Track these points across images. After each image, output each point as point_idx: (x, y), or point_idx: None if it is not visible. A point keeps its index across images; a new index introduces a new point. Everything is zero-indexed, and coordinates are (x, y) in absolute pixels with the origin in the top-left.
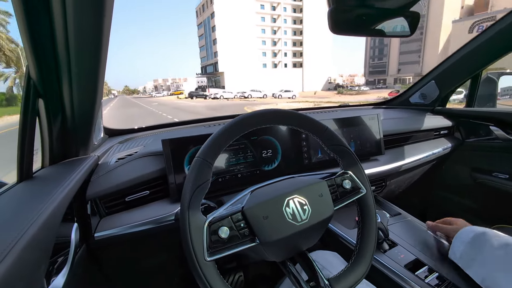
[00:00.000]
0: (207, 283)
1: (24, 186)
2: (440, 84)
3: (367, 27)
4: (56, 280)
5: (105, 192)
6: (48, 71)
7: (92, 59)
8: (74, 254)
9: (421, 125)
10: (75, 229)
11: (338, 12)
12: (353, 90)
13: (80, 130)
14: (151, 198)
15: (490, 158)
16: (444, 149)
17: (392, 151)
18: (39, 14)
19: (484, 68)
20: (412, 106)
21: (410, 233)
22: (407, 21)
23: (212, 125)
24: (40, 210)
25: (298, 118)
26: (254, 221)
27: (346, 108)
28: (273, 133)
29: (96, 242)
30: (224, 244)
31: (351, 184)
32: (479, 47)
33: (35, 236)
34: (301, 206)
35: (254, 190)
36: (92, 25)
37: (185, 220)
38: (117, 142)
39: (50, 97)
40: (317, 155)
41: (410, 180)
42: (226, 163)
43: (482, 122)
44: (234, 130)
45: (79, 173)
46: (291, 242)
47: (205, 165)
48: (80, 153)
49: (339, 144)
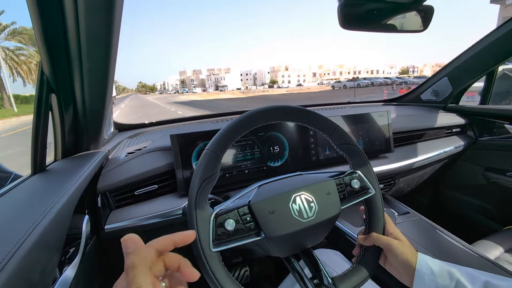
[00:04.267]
0: (212, 273)
1: (38, 178)
2: (453, 80)
3: (378, 22)
4: (68, 270)
5: (115, 186)
6: (61, 67)
7: (103, 56)
8: (85, 245)
9: (433, 122)
10: (86, 221)
11: (348, 6)
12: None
13: (91, 124)
14: (159, 192)
15: (504, 158)
16: (456, 148)
17: (402, 149)
18: (52, 12)
19: (500, 64)
20: (424, 103)
21: (419, 232)
22: (420, 16)
23: (220, 121)
24: (53, 202)
25: (308, 115)
26: (260, 215)
27: (355, 104)
28: (281, 130)
29: (106, 234)
30: (229, 237)
31: (360, 183)
32: (495, 43)
33: (48, 227)
34: (308, 203)
35: (262, 185)
36: (102, 23)
37: (192, 211)
38: (127, 137)
39: (63, 92)
40: (325, 152)
41: (420, 178)
42: (233, 159)
43: (496, 120)
44: (244, 125)
45: (90, 167)
46: (296, 239)
47: (214, 157)
48: (91, 147)
49: (349, 143)
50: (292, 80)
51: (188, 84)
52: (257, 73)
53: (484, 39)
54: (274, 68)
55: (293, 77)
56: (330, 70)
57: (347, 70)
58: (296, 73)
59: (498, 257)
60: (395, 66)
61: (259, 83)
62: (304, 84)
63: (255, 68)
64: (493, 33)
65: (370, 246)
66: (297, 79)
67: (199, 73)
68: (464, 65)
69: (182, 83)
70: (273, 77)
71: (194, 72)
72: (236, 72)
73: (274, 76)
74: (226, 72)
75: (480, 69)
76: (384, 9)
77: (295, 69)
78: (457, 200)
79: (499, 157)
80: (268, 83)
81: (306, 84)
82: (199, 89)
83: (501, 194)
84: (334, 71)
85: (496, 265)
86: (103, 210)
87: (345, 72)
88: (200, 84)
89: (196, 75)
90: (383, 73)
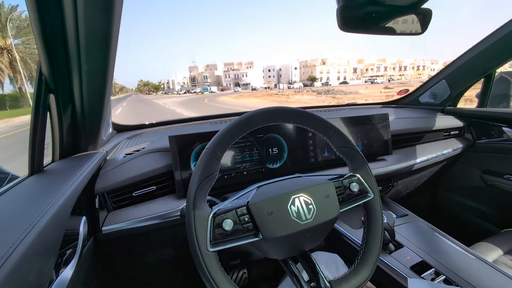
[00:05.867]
0: (208, 273)
1: (35, 179)
2: (451, 83)
3: (376, 24)
4: (64, 271)
5: (113, 187)
6: (59, 67)
7: (101, 56)
8: (82, 247)
9: (431, 125)
10: (83, 222)
11: (347, 9)
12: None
13: (89, 125)
14: (157, 193)
15: (502, 160)
16: (454, 150)
17: (400, 151)
18: (51, 12)
19: (497, 67)
20: (422, 106)
21: (417, 234)
22: (419, 19)
23: (218, 122)
24: (50, 203)
25: (308, 117)
26: (258, 216)
27: (354, 107)
28: (279, 131)
29: (104, 235)
30: (227, 237)
31: (359, 187)
32: (493, 46)
33: (45, 228)
34: (307, 205)
35: (261, 186)
36: (101, 23)
37: (190, 210)
38: (125, 138)
39: (61, 93)
40: (324, 154)
41: (418, 181)
42: (232, 161)
43: (494, 123)
44: (244, 126)
45: (88, 168)
46: (294, 241)
47: (214, 157)
48: (89, 148)
49: (349, 146)
50: (331, 76)
51: (200, 81)
52: (281, 69)
53: (482, 42)
54: (307, 62)
55: (333, 73)
56: (373, 65)
57: (392, 65)
58: (335, 69)
59: (496, 260)
60: (437, 62)
61: (285, 80)
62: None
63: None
64: (491, 36)
65: (369, 250)
66: (337, 76)
67: (213, 69)
68: (462, 68)
69: (192, 80)
70: (309, 73)
71: (208, 67)
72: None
73: (307, 72)
74: (248, 67)
75: (478, 72)
76: (382, 12)
77: (334, 64)
78: (455, 202)
79: (497, 159)
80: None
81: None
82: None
83: (499, 197)
84: (378, 66)
85: (495, 268)
86: (101, 211)
87: (390, 68)
88: (216, 81)
89: (210, 71)
90: (426, 69)
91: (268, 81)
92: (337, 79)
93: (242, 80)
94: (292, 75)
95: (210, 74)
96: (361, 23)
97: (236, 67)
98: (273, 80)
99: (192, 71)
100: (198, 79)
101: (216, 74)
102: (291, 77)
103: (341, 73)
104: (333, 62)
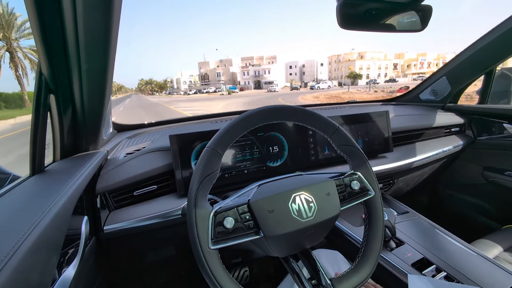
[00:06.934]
0: (209, 271)
1: (36, 179)
2: (452, 80)
3: (376, 22)
4: (67, 271)
5: (114, 187)
6: (59, 67)
7: (101, 56)
8: (84, 246)
9: (432, 122)
10: (85, 222)
11: (347, 6)
12: None
13: (89, 125)
14: (158, 192)
15: (503, 157)
16: (455, 147)
17: (401, 149)
18: (50, 12)
19: (498, 64)
20: (423, 103)
21: (418, 231)
22: (419, 16)
23: (219, 121)
24: (52, 203)
25: (309, 115)
26: (259, 214)
27: (354, 104)
28: (280, 130)
29: (105, 235)
30: (228, 235)
31: (360, 185)
32: (494, 42)
33: (47, 228)
34: (307, 203)
35: (262, 185)
36: (101, 23)
37: (191, 208)
38: (126, 137)
39: (61, 93)
40: (324, 152)
41: (419, 178)
42: (232, 159)
43: (495, 119)
44: (245, 124)
45: (89, 168)
46: (295, 238)
47: (214, 155)
48: (90, 148)
49: (350, 144)
50: (371, 73)
51: (212, 80)
52: (305, 65)
53: (482, 39)
54: (340, 57)
55: (373, 69)
56: (417, 60)
57: (435, 61)
58: (376, 64)
59: (497, 256)
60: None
61: (309, 78)
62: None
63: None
64: (491, 32)
65: (369, 247)
66: (378, 72)
67: (228, 64)
68: (462, 65)
69: (203, 78)
70: (342, 69)
71: (221, 63)
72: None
73: (340, 68)
74: (271, 62)
75: (478, 68)
76: (382, 9)
77: (374, 58)
78: (456, 199)
79: (497, 156)
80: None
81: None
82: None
83: (500, 193)
84: (422, 61)
85: (495, 264)
86: (102, 210)
87: (433, 64)
88: (231, 79)
89: (224, 67)
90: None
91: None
92: (378, 76)
93: (264, 78)
94: (318, 72)
95: (224, 70)
96: (361, 20)
97: (257, 62)
98: (295, 78)
99: (202, 67)
100: (210, 77)
101: (232, 70)
102: (317, 74)
103: (381, 69)
104: (372, 56)
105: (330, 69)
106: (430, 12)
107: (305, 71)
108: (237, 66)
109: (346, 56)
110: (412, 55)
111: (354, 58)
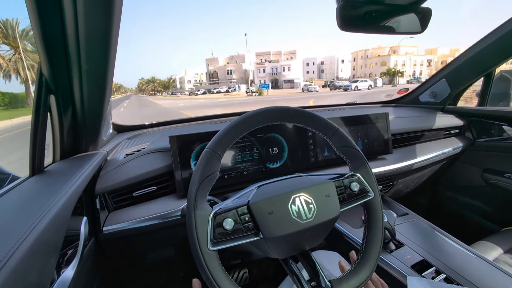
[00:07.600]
0: (208, 272)
1: (36, 180)
2: (451, 82)
3: (376, 24)
4: (66, 271)
5: (114, 187)
6: (60, 68)
7: (101, 56)
8: (83, 247)
9: (431, 124)
10: (84, 222)
11: (346, 8)
12: None
13: (89, 125)
14: (158, 193)
15: (502, 159)
16: (454, 149)
17: (400, 151)
18: (51, 13)
19: (497, 66)
20: (422, 105)
21: (418, 233)
22: (418, 18)
23: (218, 122)
24: (51, 203)
25: (309, 117)
26: (259, 215)
27: (354, 106)
28: (279, 131)
29: (105, 235)
30: (227, 236)
31: (359, 186)
32: (493, 44)
33: (46, 228)
34: (307, 205)
35: (261, 186)
36: (101, 23)
37: (191, 210)
38: (126, 138)
39: (61, 94)
40: (324, 153)
41: (419, 180)
42: (232, 161)
43: (494, 121)
44: (245, 125)
45: (89, 168)
46: (294, 240)
47: (214, 156)
48: (89, 149)
49: (350, 146)
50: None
51: (222, 78)
52: (324, 62)
53: (482, 41)
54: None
55: (408, 65)
56: (453, 56)
57: None
58: (412, 60)
59: (497, 258)
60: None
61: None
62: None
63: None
64: (491, 34)
65: (369, 249)
66: (413, 70)
67: (240, 61)
68: (462, 67)
69: (211, 77)
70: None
71: (232, 59)
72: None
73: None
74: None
75: (478, 70)
76: (382, 11)
77: (408, 53)
78: (455, 201)
79: (497, 158)
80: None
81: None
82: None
83: (499, 195)
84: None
85: (495, 266)
86: (102, 211)
87: None
88: (243, 77)
89: (236, 64)
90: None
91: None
92: (413, 74)
93: (282, 76)
94: (339, 69)
95: (235, 68)
96: (361, 22)
97: (274, 58)
98: (312, 76)
99: (210, 64)
100: (219, 75)
101: (244, 68)
102: (337, 72)
103: (417, 66)
104: (406, 51)
105: (355, 66)
106: (429, 14)
107: (323, 69)
108: (249, 62)
109: (375, 51)
110: (445, 50)
111: (386, 53)
